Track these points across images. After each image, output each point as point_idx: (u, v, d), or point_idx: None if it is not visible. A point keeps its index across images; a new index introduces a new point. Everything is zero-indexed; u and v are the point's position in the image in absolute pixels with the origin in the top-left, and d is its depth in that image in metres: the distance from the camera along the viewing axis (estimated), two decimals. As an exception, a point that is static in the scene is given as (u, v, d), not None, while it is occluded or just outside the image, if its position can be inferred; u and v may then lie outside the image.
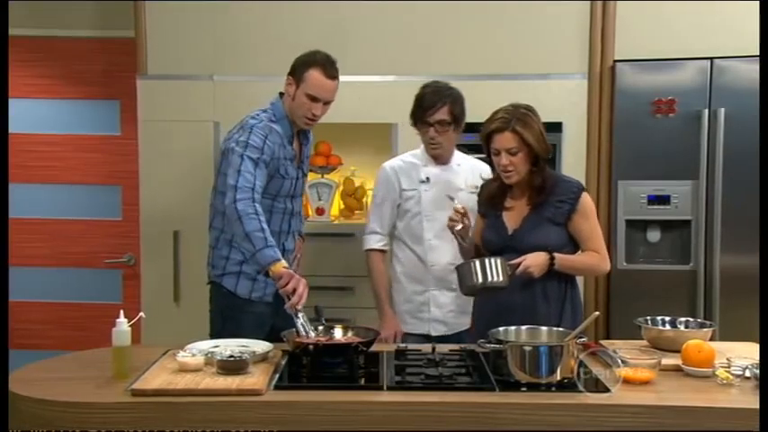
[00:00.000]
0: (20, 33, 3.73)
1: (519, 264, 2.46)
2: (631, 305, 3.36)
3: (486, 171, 2.96)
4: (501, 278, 2.40)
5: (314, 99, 2.70)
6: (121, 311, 2.15)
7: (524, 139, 2.51)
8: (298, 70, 2.72)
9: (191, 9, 3.61)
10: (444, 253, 2.88)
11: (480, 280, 2.40)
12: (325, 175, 3.77)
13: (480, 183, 2.87)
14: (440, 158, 2.95)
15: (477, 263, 2.43)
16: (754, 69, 3.38)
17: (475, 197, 2.88)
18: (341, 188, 3.83)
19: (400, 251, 2.98)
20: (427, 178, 2.93)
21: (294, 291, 2.34)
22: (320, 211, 3.73)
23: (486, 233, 2.67)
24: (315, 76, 2.69)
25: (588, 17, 3.53)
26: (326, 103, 2.75)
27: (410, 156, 3.02)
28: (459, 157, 3.01)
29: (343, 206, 3.87)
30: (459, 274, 2.47)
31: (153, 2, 3.61)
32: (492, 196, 2.68)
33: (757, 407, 1.88)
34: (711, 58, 3.41)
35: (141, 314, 2.23)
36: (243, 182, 2.52)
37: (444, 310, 2.92)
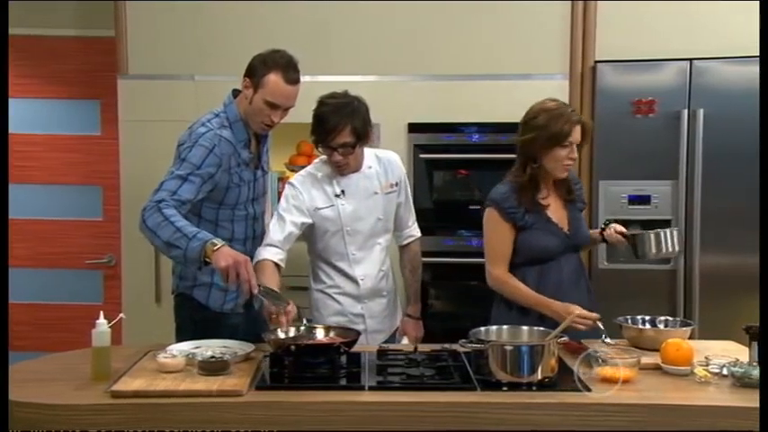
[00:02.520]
0: (-1, 32, 3.70)
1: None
2: (612, 304, 3.35)
3: (396, 161, 2.83)
4: (677, 248, 2.58)
5: (273, 106, 2.52)
6: (101, 312, 2.14)
7: (586, 132, 2.59)
8: (256, 73, 2.51)
9: (172, 9, 3.60)
10: (371, 263, 2.73)
11: (655, 251, 2.56)
12: (308, 175, 3.75)
13: (397, 178, 2.77)
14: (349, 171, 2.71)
15: (652, 235, 2.56)
16: (732, 70, 3.42)
17: (394, 196, 2.78)
18: (323, 188, 3.81)
19: (322, 271, 2.75)
20: (342, 191, 2.68)
21: (238, 279, 2.22)
22: (302, 211, 3.71)
23: (542, 239, 2.56)
24: (275, 81, 2.49)
25: (569, 18, 3.55)
26: (285, 109, 2.56)
27: (319, 167, 2.73)
28: (369, 158, 2.76)
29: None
30: (638, 244, 2.58)
31: (134, 1, 3.59)
32: (530, 197, 2.57)
33: (734, 404, 1.92)
34: (690, 60, 3.44)
35: (121, 315, 2.22)
36: (154, 198, 2.37)
37: (378, 319, 2.78)
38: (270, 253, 2.56)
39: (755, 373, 2.01)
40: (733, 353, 2.24)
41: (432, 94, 3.60)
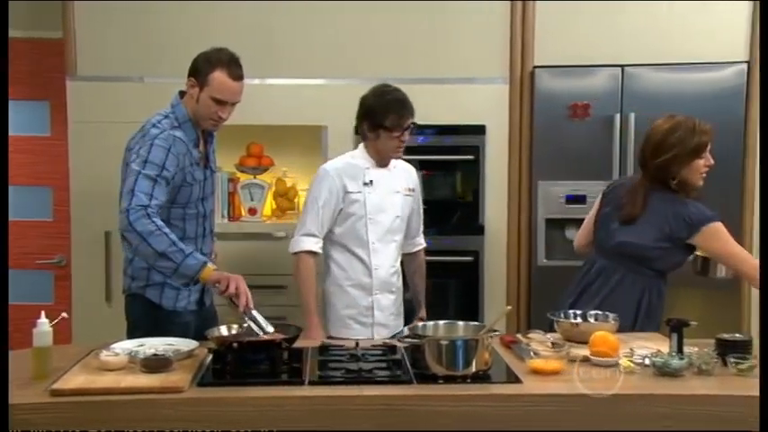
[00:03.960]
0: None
1: None
2: (551, 300, 3.41)
3: (414, 172, 3.01)
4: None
5: (220, 102, 2.53)
6: (42, 312, 2.10)
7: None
8: (200, 72, 2.52)
9: (120, 11, 3.56)
10: (387, 256, 2.84)
11: (724, 273, 2.72)
12: (258, 176, 3.75)
13: (414, 185, 2.95)
14: (385, 162, 2.86)
15: None
16: (661, 77, 3.52)
17: (410, 200, 2.92)
18: (273, 189, 3.81)
19: (340, 255, 2.84)
20: (371, 181, 2.82)
21: (237, 291, 2.28)
22: (252, 212, 3.71)
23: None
24: (220, 78, 2.50)
25: (509, 25, 3.59)
26: (233, 105, 2.58)
27: (351, 158, 2.88)
28: (393, 161, 2.95)
29: (275, 206, 3.86)
30: (710, 266, 2.72)
31: (81, 3, 3.53)
32: None
33: (655, 392, 1.96)
34: (623, 66, 3.52)
35: (63, 314, 2.17)
36: (135, 203, 2.34)
37: (386, 313, 2.86)
38: (310, 243, 2.77)
39: (674, 362, 2.07)
40: (656, 344, 2.30)
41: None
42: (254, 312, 2.28)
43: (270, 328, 2.24)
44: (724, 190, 3.52)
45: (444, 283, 3.64)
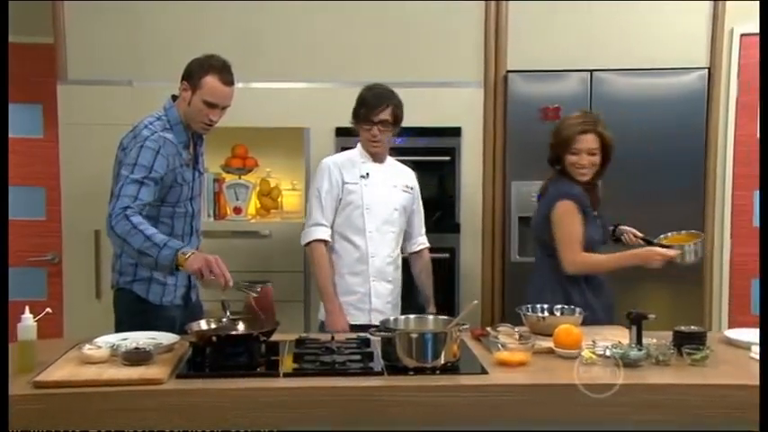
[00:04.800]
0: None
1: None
2: (523, 295, 3.44)
3: (412, 174, 3.06)
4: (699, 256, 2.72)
5: (211, 105, 2.55)
6: (27, 307, 2.09)
7: (605, 141, 2.68)
8: (193, 76, 2.55)
9: (108, 16, 3.54)
10: (384, 245, 2.90)
11: (694, 258, 2.69)
12: (242, 177, 3.74)
13: (413, 184, 3.02)
14: (377, 157, 2.95)
15: (693, 245, 2.68)
16: (627, 81, 3.55)
17: (409, 197, 2.98)
18: (257, 189, 3.81)
19: (339, 245, 2.91)
20: (367, 174, 2.91)
21: (212, 273, 2.26)
22: (238, 211, 3.70)
23: (595, 232, 2.76)
24: (212, 82, 2.53)
25: (483, 31, 3.60)
26: (224, 108, 2.61)
27: (348, 154, 3.00)
28: (389, 159, 3.04)
29: (259, 205, 3.85)
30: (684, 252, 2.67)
31: (71, 8, 3.51)
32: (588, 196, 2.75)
33: (613, 381, 1.97)
34: (591, 71, 3.54)
35: (48, 309, 2.16)
36: (117, 207, 2.36)
37: (383, 301, 2.91)
38: (320, 232, 2.87)
39: (633, 353, 2.09)
40: (618, 336, 2.31)
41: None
42: (237, 286, 2.31)
43: (258, 287, 2.32)
44: (686, 191, 3.56)
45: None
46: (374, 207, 2.89)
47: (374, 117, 2.84)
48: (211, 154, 3.46)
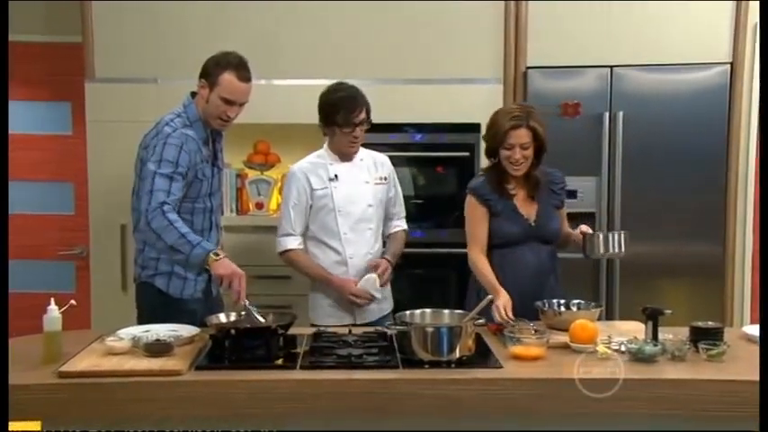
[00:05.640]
0: (-28, 38, 3.65)
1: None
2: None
3: (386, 161, 2.98)
4: (623, 250, 2.56)
5: (228, 102, 2.57)
6: (52, 299, 2.13)
7: (537, 134, 2.59)
8: (211, 73, 2.57)
9: (134, 16, 3.58)
10: (361, 245, 2.84)
11: (602, 251, 2.56)
12: (264, 172, 3.77)
13: (386, 173, 2.92)
14: (347, 156, 2.87)
15: (601, 236, 2.57)
16: (647, 77, 3.50)
17: (383, 188, 2.90)
18: (279, 184, 3.82)
19: (317, 249, 2.86)
20: (336, 175, 2.83)
21: (230, 287, 2.32)
22: (259, 206, 3.73)
23: (506, 225, 2.65)
24: (229, 79, 2.55)
25: (502, 27, 3.58)
26: (241, 105, 2.62)
27: (315, 157, 2.91)
28: (361, 153, 2.94)
29: (281, 201, 3.87)
30: (587, 243, 2.57)
31: (99, 8, 3.56)
32: (498, 187, 2.66)
33: (627, 377, 1.96)
34: (611, 66, 3.50)
35: (72, 302, 2.20)
36: (153, 202, 2.42)
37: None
38: (291, 241, 2.85)
39: (648, 348, 2.08)
40: (634, 332, 2.29)
41: (378, 96, 3.56)
42: (249, 306, 2.31)
43: (261, 319, 2.28)
44: (707, 187, 3.51)
45: (441, 274, 3.65)
46: (346, 208, 2.82)
47: (354, 119, 2.76)
48: (234, 150, 3.50)
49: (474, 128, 3.61)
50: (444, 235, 3.61)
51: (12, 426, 1.84)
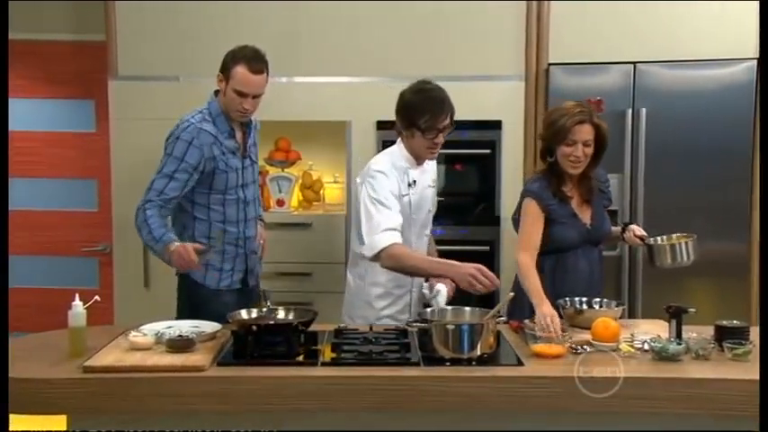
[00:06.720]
0: (-1, 37, 3.71)
1: None
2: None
3: (434, 162, 2.81)
4: (692, 258, 2.54)
5: (241, 94, 2.59)
6: (76, 295, 2.16)
7: (600, 131, 2.55)
8: (226, 67, 2.61)
9: (157, 16, 3.61)
10: (421, 252, 2.70)
11: (670, 261, 2.54)
12: (285, 170, 3.79)
13: (435, 176, 2.77)
14: (421, 160, 2.67)
15: (668, 247, 2.55)
16: (671, 74, 3.46)
17: (434, 191, 2.78)
18: (300, 181, 3.84)
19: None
20: (414, 181, 2.64)
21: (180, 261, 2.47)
22: (281, 203, 3.75)
23: (565, 231, 2.58)
24: (240, 72, 2.57)
25: (524, 24, 3.56)
26: (255, 97, 2.62)
27: (393, 159, 2.64)
28: None
29: (301, 198, 3.89)
30: (654, 253, 2.56)
31: (122, 6, 3.60)
32: (558, 191, 2.58)
33: (650, 375, 1.95)
34: (634, 63, 3.46)
35: (96, 297, 2.22)
36: (143, 199, 2.59)
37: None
38: (394, 237, 2.46)
39: (671, 347, 2.05)
40: (657, 330, 2.27)
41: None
42: (204, 251, 2.52)
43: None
44: (732, 185, 3.46)
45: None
46: (416, 215, 2.66)
47: (439, 125, 2.54)
48: (254, 147, 3.51)
49: (495, 125, 3.61)
50: (465, 232, 3.60)
51: (37, 420, 1.87)
